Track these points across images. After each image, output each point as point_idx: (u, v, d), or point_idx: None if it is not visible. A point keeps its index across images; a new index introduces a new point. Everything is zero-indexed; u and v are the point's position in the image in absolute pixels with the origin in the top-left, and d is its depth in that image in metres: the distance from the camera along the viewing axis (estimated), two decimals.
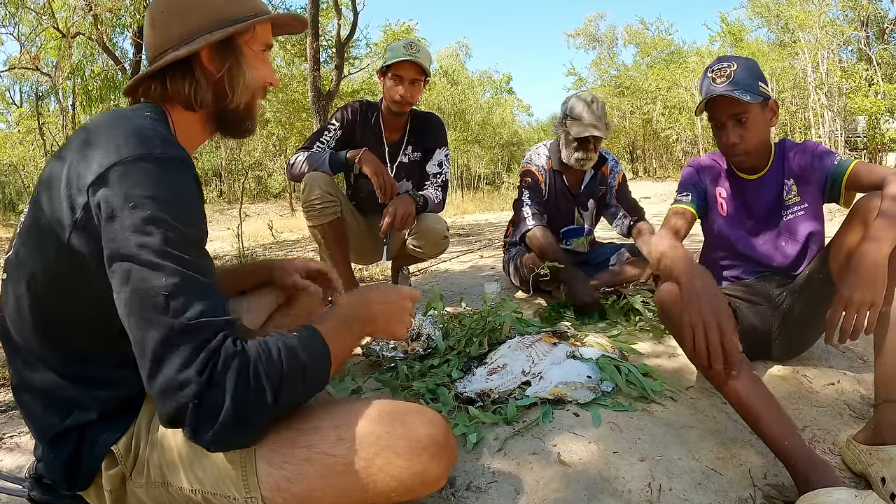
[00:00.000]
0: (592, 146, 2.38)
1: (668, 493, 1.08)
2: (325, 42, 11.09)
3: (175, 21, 0.91)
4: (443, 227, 2.37)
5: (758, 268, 1.61)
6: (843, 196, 1.47)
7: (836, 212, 5.16)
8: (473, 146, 23.50)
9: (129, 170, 0.76)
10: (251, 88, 0.96)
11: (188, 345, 0.70)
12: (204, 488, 0.84)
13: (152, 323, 0.71)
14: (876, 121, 10.85)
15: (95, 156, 0.78)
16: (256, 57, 0.97)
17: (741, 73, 1.44)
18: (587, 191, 2.55)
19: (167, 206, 0.75)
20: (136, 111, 0.88)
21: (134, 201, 0.74)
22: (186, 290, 0.73)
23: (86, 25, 10.42)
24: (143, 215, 0.73)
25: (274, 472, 0.81)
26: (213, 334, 0.72)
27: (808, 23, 11.44)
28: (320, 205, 2.17)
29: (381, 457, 0.81)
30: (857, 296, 1.12)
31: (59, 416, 0.84)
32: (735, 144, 1.48)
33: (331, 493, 0.82)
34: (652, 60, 20.83)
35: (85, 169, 0.78)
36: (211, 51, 0.91)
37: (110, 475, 0.85)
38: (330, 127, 2.37)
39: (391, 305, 0.94)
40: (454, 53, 29.05)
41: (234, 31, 0.91)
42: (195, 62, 0.91)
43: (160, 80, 0.92)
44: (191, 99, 0.92)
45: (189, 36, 0.90)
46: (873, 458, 1.10)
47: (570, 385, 1.41)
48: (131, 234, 0.73)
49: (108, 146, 0.79)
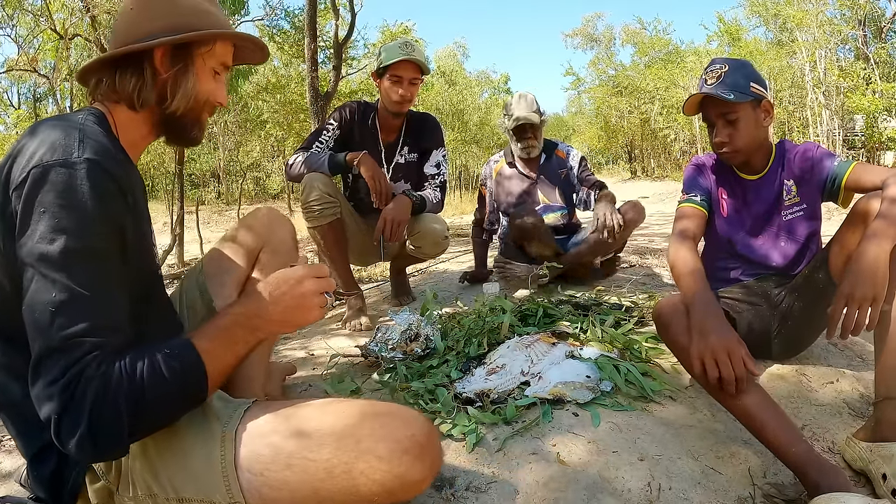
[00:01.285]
0: (531, 133, 2.70)
1: (668, 492, 1.08)
2: (322, 43, 11.08)
3: (141, 19, 0.93)
4: (442, 228, 2.37)
5: (756, 268, 1.61)
6: (842, 196, 1.49)
7: (834, 211, 5.18)
8: (471, 146, 23.51)
9: (43, 174, 0.77)
10: (193, 98, 0.97)
11: (60, 362, 0.72)
12: (190, 496, 0.83)
13: (37, 333, 0.74)
14: (874, 119, 10.86)
15: (22, 160, 0.79)
16: (208, 72, 0.98)
17: (731, 73, 1.47)
18: (544, 170, 2.78)
19: (73, 215, 0.75)
20: (74, 114, 0.89)
21: (44, 207, 0.75)
22: (72, 307, 0.73)
23: (83, 27, 10.40)
24: (49, 224, 0.75)
25: (255, 479, 0.81)
26: (84, 354, 0.72)
27: (805, 22, 11.45)
28: (319, 206, 2.17)
29: (362, 460, 0.80)
30: (858, 292, 1.12)
31: (38, 432, 0.83)
32: (723, 143, 1.50)
33: (314, 498, 0.81)
34: (650, 60, 20.81)
35: (13, 171, 0.79)
36: (165, 53, 0.93)
37: (95, 490, 0.85)
38: (328, 127, 2.37)
39: (285, 295, 0.86)
40: (452, 53, 29.06)
41: (192, 38, 0.93)
42: (147, 62, 0.93)
43: (111, 73, 0.93)
44: (133, 96, 0.92)
45: (147, 35, 0.92)
46: (874, 454, 1.10)
47: (569, 385, 1.41)
48: (36, 242, 0.74)
49: (34, 149, 0.80)
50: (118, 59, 0.92)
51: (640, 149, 23.42)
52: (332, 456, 0.80)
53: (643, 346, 1.69)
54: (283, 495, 0.81)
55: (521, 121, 2.65)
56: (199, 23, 0.95)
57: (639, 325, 1.95)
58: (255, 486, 0.81)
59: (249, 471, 0.81)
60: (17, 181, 0.78)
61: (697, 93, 1.50)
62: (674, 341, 1.29)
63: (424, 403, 1.41)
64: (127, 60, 0.92)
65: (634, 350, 1.67)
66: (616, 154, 28.87)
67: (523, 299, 2.24)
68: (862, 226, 1.26)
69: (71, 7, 9.86)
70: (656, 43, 21.36)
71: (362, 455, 0.80)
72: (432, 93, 19.52)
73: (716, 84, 1.47)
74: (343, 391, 1.55)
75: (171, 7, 0.94)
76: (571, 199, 2.80)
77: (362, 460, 0.80)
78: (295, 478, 0.80)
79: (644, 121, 20.07)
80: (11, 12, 10.03)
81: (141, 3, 0.94)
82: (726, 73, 1.47)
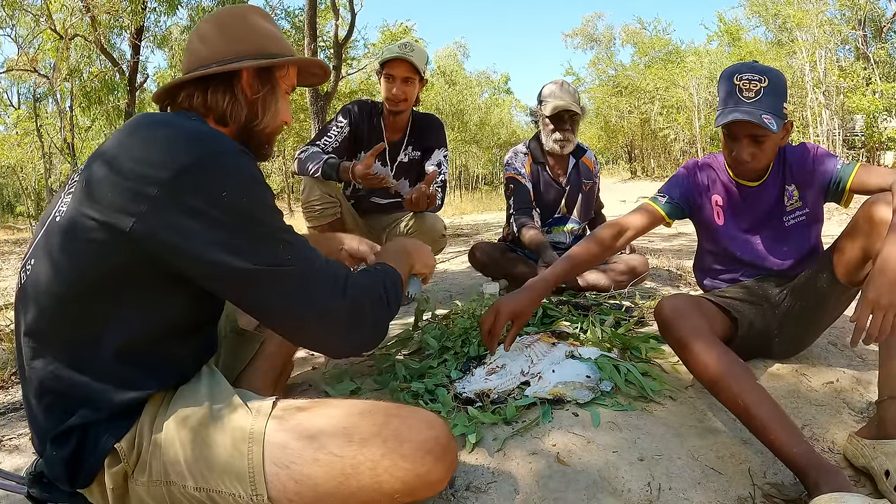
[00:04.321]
0: (569, 125, 2.45)
1: (668, 492, 1.08)
2: (322, 43, 11.09)
3: (225, 41, 1.01)
4: (440, 226, 2.37)
5: (757, 270, 1.61)
6: (845, 198, 1.49)
7: (834, 211, 5.18)
8: (471, 146, 23.53)
9: (216, 163, 0.84)
10: (277, 117, 1.06)
11: (336, 291, 0.90)
12: (209, 486, 0.84)
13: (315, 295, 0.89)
14: (874, 119, 10.88)
15: (162, 150, 0.83)
16: (283, 94, 1.07)
17: (770, 93, 1.38)
18: (572, 179, 2.58)
19: (258, 189, 0.87)
20: (184, 115, 0.95)
21: (233, 188, 0.83)
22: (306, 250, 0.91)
23: (83, 27, 10.40)
24: (248, 198, 0.84)
25: (281, 472, 0.83)
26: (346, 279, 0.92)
27: (805, 22, 11.46)
28: (320, 206, 2.17)
29: (387, 458, 0.83)
30: (884, 299, 1.10)
31: (65, 412, 0.85)
32: (746, 162, 1.47)
33: (337, 494, 0.83)
34: (650, 60, 20.82)
35: (153, 161, 0.82)
36: (251, 74, 1.01)
37: (113, 473, 0.86)
38: (338, 124, 2.35)
39: (417, 247, 1.22)
40: (452, 54, 29.08)
41: (276, 63, 1.03)
42: (236, 81, 1.00)
43: (202, 90, 0.99)
44: (227, 113, 1.00)
45: (235, 57, 0.99)
46: (877, 451, 1.10)
47: (569, 385, 1.41)
48: (245, 220, 0.83)
49: (177, 142, 0.84)
50: (209, 77, 0.99)
51: (640, 149, 23.43)
52: (357, 453, 0.83)
53: (643, 346, 1.69)
54: (307, 489, 0.83)
55: (562, 108, 2.38)
56: (276, 47, 1.04)
57: (639, 325, 1.95)
58: (279, 479, 0.83)
59: (275, 463, 0.83)
60: (171, 171, 0.83)
61: (742, 118, 1.37)
62: (676, 340, 1.29)
63: (424, 403, 1.41)
64: (217, 79, 0.99)
65: (634, 350, 1.67)
66: (616, 154, 28.89)
67: None
68: (867, 228, 1.25)
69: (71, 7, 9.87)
70: (656, 43, 21.37)
71: (388, 454, 0.83)
72: (432, 93, 19.54)
73: (755, 101, 1.38)
74: (343, 391, 1.55)
75: (252, 32, 1.02)
76: (590, 213, 2.71)
77: (387, 458, 0.83)
78: (321, 472, 0.82)
79: (644, 121, 20.08)
80: (11, 12, 10.04)
81: (223, 26, 1.02)
82: (765, 89, 1.38)
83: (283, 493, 0.83)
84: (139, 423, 0.88)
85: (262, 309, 0.87)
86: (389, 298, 0.99)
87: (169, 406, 0.90)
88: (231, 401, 0.90)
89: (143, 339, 0.87)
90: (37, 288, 0.86)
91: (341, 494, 0.83)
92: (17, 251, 8.33)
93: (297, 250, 0.87)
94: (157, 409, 0.89)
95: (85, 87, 11.72)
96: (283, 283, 0.85)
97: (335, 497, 0.83)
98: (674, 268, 3.13)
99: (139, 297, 0.86)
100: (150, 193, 0.80)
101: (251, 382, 1.28)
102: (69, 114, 10.77)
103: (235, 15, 1.04)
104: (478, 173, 29.29)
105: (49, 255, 0.86)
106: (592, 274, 2.42)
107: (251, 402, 0.91)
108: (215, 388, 0.94)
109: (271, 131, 1.07)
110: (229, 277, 0.83)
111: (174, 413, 0.88)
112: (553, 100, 2.43)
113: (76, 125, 11.57)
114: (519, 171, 2.54)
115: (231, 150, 0.85)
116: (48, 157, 13.76)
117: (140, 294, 0.85)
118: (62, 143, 10.93)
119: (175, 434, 0.86)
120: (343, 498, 0.83)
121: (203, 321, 1.00)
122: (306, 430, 0.85)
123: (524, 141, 2.67)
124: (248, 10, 1.07)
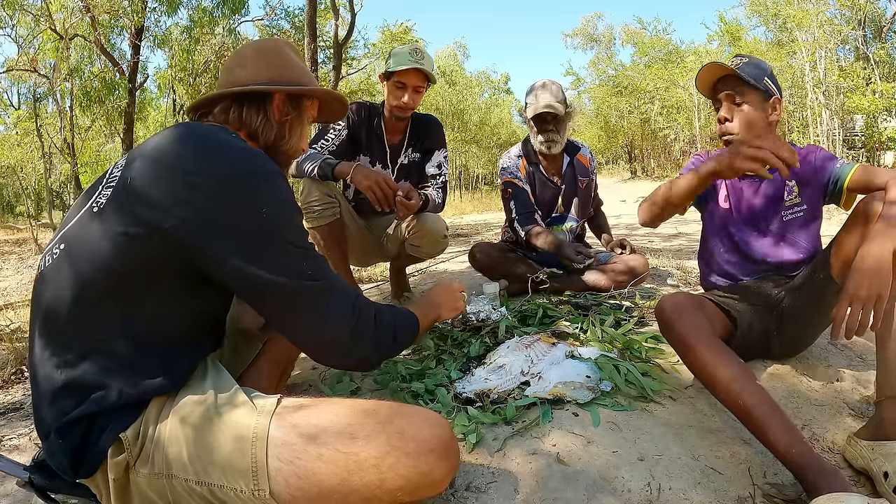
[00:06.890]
0: (552, 126, 2.42)
1: (668, 492, 1.08)
2: (322, 43, 11.09)
3: (263, 65, 1.12)
4: (442, 227, 2.37)
5: (755, 267, 1.62)
6: (844, 198, 1.50)
7: (834, 211, 5.18)
8: (471, 146, 23.53)
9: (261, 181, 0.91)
10: (301, 141, 1.16)
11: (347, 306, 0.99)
12: (211, 481, 0.85)
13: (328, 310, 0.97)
14: (874, 119, 10.87)
15: (214, 160, 0.89)
16: (305, 122, 1.17)
17: (751, 63, 1.53)
18: (567, 177, 2.58)
19: (294, 210, 0.95)
20: (225, 129, 1.01)
21: (273, 206, 0.90)
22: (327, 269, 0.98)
23: (83, 27, 10.41)
24: (284, 217, 0.92)
25: (284, 468, 0.83)
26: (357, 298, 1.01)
27: (805, 22, 11.45)
28: (319, 206, 2.16)
29: (391, 456, 0.84)
30: (863, 291, 1.12)
31: (75, 400, 0.86)
32: (724, 120, 1.54)
33: (340, 491, 0.83)
34: (650, 60, 20.82)
35: (203, 169, 0.88)
36: (282, 98, 1.11)
37: (116, 462, 0.86)
38: (336, 126, 2.34)
39: (447, 294, 1.33)
40: (452, 54, 29.11)
41: (306, 92, 1.14)
42: (268, 102, 1.10)
43: (238, 105, 1.08)
44: (258, 129, 1.09)
45: (269, 81, 1.10)
46: (876, 453, 1.10)
47: (569, 385, 1.41)
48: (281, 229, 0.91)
49: (229, 151, 0.91)
50: (245, 95, 1.08)
51: (640, 149, 23.45)
52: (362, 450, 0.83)
53: (643, 346, 1.69)
54: (310, 485, 0.83)
55: (543, 109, 2.38)
56: (304, 79, 1.15)
57: (639, 325, 1.95)
58: (282, 474, 0.83)
59: (279, 458, 0.83)
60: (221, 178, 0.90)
61: (713, 62, 1.54)
62: (677, 338, 1.29)
63: (424, 403, 1.41)
64: (252, 98, 1.09)
65: (634, 350, 1.67)
66: (616, 154, 28.90)
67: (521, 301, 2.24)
68: (863, 227, 1.26)
69: (71, 7, 9.87)
70: (656, 43, 21.36)
71: (392, 451, 0.84)
72: (432, 93, 19.53)
73: (736, 67, 1.52)
74: (343, 391, 1.55)
75: (286, 63, 1.14)
76: (587, 210, 2.71)
77: (391, 456, 0.84)
78: (325, 468, 0.83)
79: (644, 121, 20.10)
80: (11, 12, 10.04)
81: (261, 54, 1.13)
82: (745, 62, 1.53)
83: (286, 488, 0.83)
84: (146, 413, 0.89)
85: (279, 316, 0.94)
86: (397, 334, 1.08)
87: (175, 400, 0.91)
88: (236, 397, 0.91)
89: (164, 331, 0.91)
90: (61, 273, 0.88)
91: (344, 491, 0.83)
92: (17, 251, 8.32)
93: (319, 268, 0.95)
94: (163, 402, 0.90)
95: (85, 87, 11.73)
96: (302, 296, 0.92)
97: (338, 493, 0.83)
98: (674, 268, 3.13)
99: (166, 292, 0.89)
100: (195, 198, 0.85)
101: (254, 381, 1.29)
102: (69, 114, 10.76)
103: (273, 46, 1.17)
104: (478, 173, 29.29)
105: (83, 242, 0.89)
106: (592, 274, 2.43)
107: (256, 399, 0.91)
108: (221, 385, 0.95)
109: (292, 154, 1.16)
110: (254, 286, 0.89)
111: (179, 407, 0.89)
112: (534, 101, 2.43)
113: (76, 125, 11.55)
114: (515, 175, 2.55)
115: (275, 172, 0.93)
116: (48, 157, 13.74)
117: (167, 289, 0.89)
118: (62, 143, 10.92)
119: (179, 428, 0.87)
120: (345, 494, 0.83)
121: (220, 317, 1.06)
122: (310, 426, 0.86)
123: (519, 143, 2.67)
124: (283, 44, 1.19)
